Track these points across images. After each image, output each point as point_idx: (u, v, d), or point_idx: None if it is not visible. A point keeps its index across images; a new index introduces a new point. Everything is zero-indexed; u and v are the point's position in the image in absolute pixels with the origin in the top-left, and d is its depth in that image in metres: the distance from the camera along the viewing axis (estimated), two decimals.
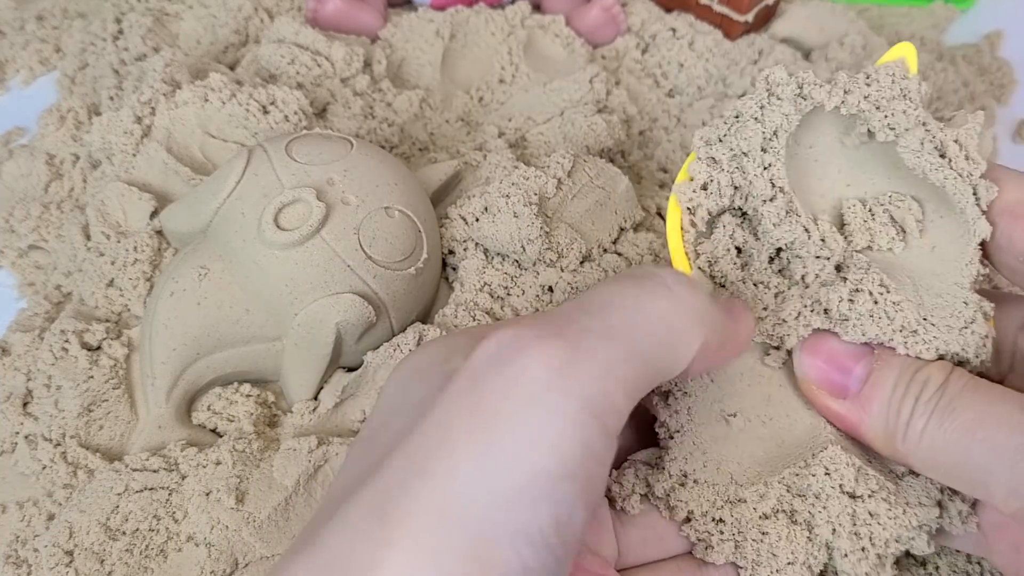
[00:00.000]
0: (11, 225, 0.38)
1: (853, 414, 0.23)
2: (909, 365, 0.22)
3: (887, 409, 0.22)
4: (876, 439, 0.23)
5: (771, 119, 0.24)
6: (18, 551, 0.28)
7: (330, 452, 0.29)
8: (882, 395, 0.22)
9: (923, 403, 0.21)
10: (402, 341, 0.31)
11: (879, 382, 0.22)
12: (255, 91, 0.37)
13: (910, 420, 0.21)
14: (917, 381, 0.22)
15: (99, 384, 0.30)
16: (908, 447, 0.22)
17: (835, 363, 0.23)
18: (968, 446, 0.20)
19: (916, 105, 0.23)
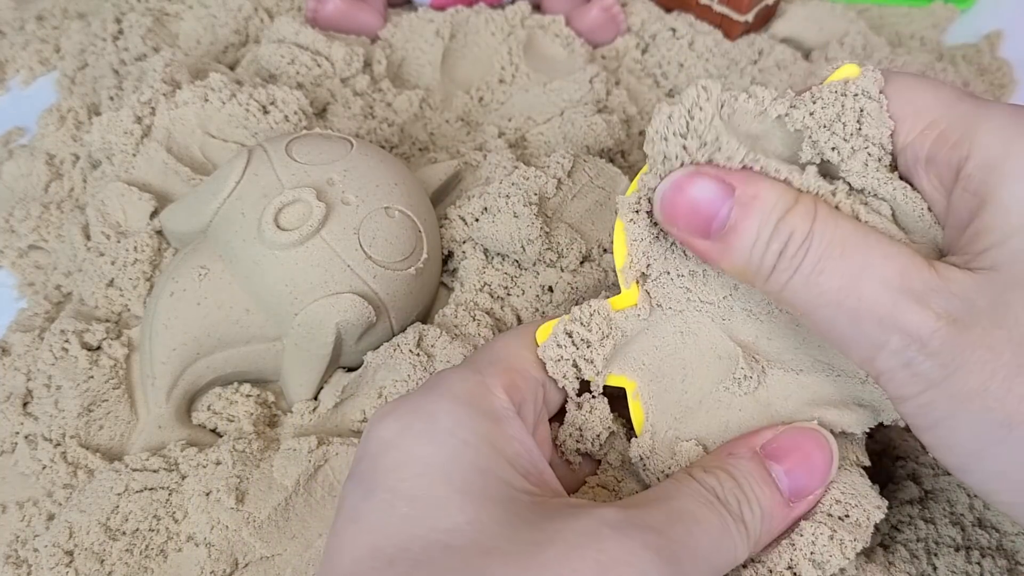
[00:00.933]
0: (11, 225, 0.38)
1: (712, 252, 0.22)
2: (771, 208, 0.21)
3: (749, 259, 0.21)
4: (738, 276, 0.22)
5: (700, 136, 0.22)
6: (18, 551, 0.28)
7: (330, 452, 0.29)
8: (744, 244, 0.21)
9: (787, 258, 0.21)
10: (402, 341, 0.31)
11: (740, 228, 0.21)
12: (255, 91, 0.37)
13: (773, 271, 0.21)
14: (780, 232, 0.21)
15: (99, 384, 0.30)
16: (770, 290, 0.22)
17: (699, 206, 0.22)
18: (832, 311, 0.20)
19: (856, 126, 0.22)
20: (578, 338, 0.24)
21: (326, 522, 0.28)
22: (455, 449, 0.21)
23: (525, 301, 0.33)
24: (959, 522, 0.29)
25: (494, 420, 0.22)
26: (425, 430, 0.21)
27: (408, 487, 0.20)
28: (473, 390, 0.23)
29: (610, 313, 0.24)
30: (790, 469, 0.23)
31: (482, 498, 0.20)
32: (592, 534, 0.19)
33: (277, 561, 0.28)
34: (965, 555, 0.28)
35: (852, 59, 0.47)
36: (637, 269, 0.24)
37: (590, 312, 0.24)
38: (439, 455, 0.21)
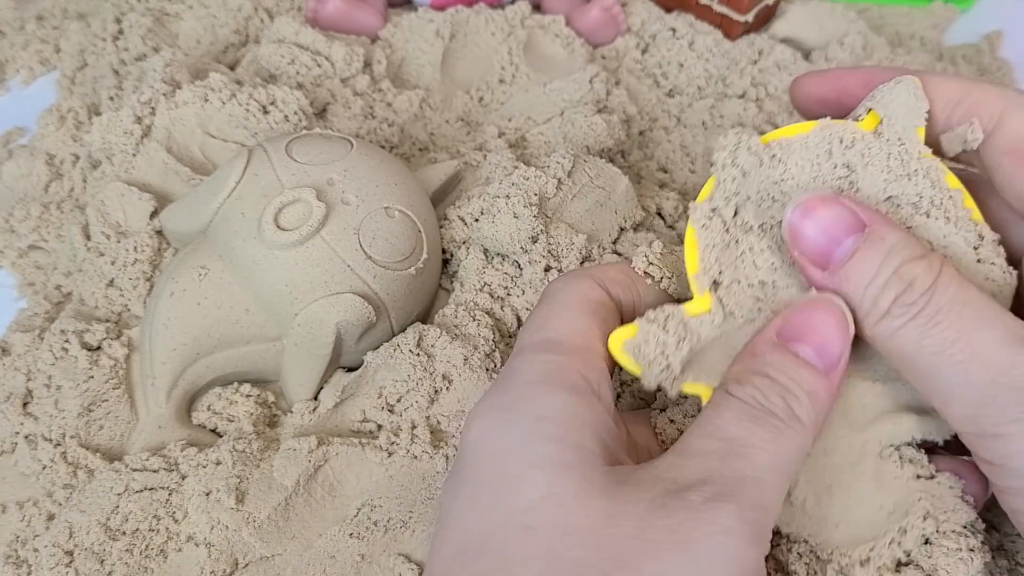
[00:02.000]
0: (11, 225, 0.38)
1: (828, 286, 0.22)
2: (896, 253, 0.21)
3: (863, 294, 0.21)
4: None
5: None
6: (18, 551, 0.28)
7: (330, 452, 0.29)
8: (861, 278, 0.22)
9: (904, 304, 0.21)
10: (402, 341, 0.31)
11: (861, 263, 0.22)
12: (255, 91, 0.37)
13: (887, 313, 0.21)
14: (901, 278, 0.21)
15: (99, 384, 0.30)
16: (876, 335, 0.22)
17: (825, 232, 0.22)
18: (940, 363, 0.20)
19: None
20: (654, 341, 0.24)
21: (326, 522, 0.28)
22: (530, 426, 0.21)
23: (525, 301, 0.33)
24: None
25: (572, 393, 0.22)
26: (502, 418, 0.21)
27: (486, 474, 0.21)
28: (546, 368, 0.22)
29: (685, 318, 0.24)
30: (814, 343, 0.23)
31: (557, 466, 0.20)
32: (659, 503, 0.19)
33: (277, 561, 0.28)
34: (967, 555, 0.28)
35: (852, 59, 0.47)
36: (710, 276, 0.24)
37: (665, 315, 0.24)
38: (515, 436, 0.21)
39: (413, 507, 0.28)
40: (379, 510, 0.28)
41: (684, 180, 0.42)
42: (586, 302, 0.24)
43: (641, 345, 0.23)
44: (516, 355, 0.24)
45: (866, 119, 0.24)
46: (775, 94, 0.46)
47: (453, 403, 0.30)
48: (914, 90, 0.24)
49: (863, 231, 0.22)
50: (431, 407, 0.30)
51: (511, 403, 0.22)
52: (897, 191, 0.24)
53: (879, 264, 0.21)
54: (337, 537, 0.28)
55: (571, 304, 0.24)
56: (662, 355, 0.23)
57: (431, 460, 0.29)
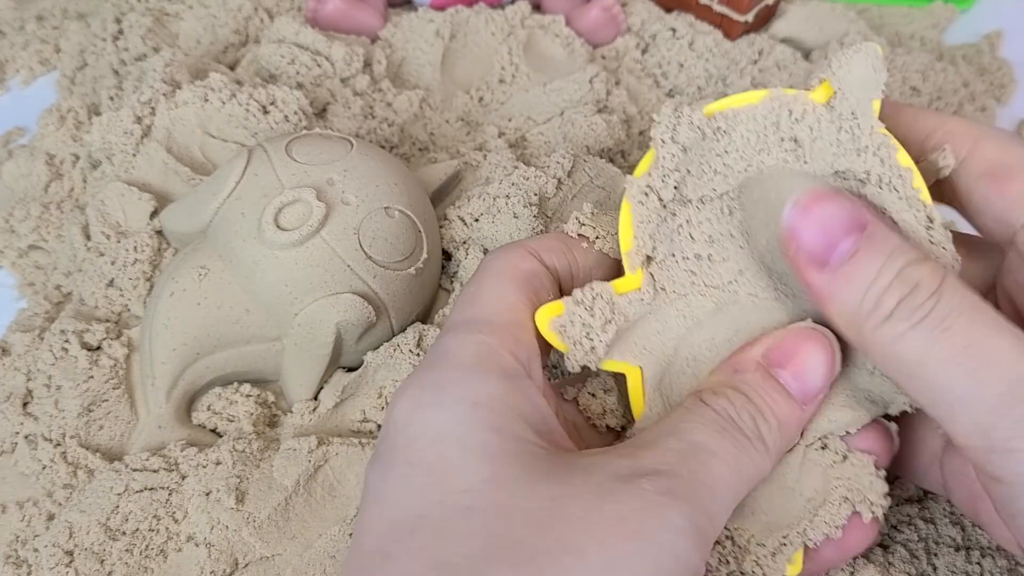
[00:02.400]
0: (11, 225, 0.38)
1: (826, 287, 0.21)
2: (899, 254, 0.20)
3: (863, 295, 0.20)
4: (841, 319, 0.21)
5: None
6: (18, 551, 0.28)
7: (330, 452, 0.29)
8: (862, 278, 0.20)
9: (910, 307, 0.20)
10: (402, 341, 0.31)
11: (862, 263, 0.21)
12: (255, 91, 0.37)
13: (890, 316, 0.20)
14: (905, 280, 0.20)
15: (99, 384, 0.30)
16: (876, 341, 0.20)
17: (824, 231, 0.21)
18: (949, 372, 0.19)
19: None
20: (579, 323, 0.23)
21: (326, 522, 0.28)
22: (466, 412, 0.20)
23: None
24: (959, 522, 0.29)
25: (504, 378, 0.21)
26: (434, 401, 0.21)
27: (422, 457, 0.20)
28: (477, 351, 0.22)
29: (613, 297, 0.24)
30: (796, 372, 0.22)
31: (499, 455, 0.20)
32: (608, 487, 0.19)
33: (277, 561, 0.28)
34: (965, 555, 0.28)
35: None
36: (642, 252, 0.24)
37: (592, 295, 0.23)
38: (450, 420, 0.20)
39: None
40: None
41: None
42: (517, 273, 0.24)
43: (567, 326, 0.23)
44: (447, 332, 0.23)
45: (819, 89, 0.23)
46: None
47: None
48: (873, 60, 0.23)
49: (863, 231, 0.21)
50: None
51: (443, 385, 0.21)
52: (845, 166, 0.23)
53: (882, 264, 0.20)
54: (337, 537, 0.28)
55: (502, 276, 0.24)
56: (587, 337, 0.23)
57: None
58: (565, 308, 0.23)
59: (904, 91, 0.45)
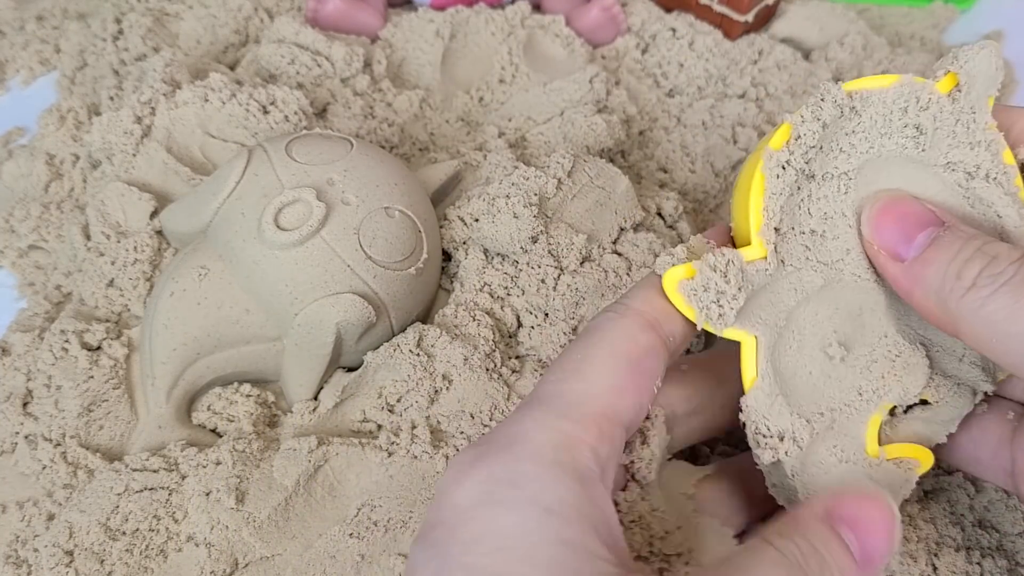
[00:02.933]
0: (11, 225, 0.38)
1: (908, 277, 0.22)
2: (977, 237, 0.22)
3: (946, 270, 0.21)
4: (927, 300, 0.22)
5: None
6: (18, 551, 0.28)
7: (330, 452, 0.29)
8: (944, 257, 0.21)
9: (991, 274, 0.20)
10: (402, 341, 0.31)
11: (943, 245, 0.22)
12: (255, 91, 0.37)
13: (973, 286, 0.21)
14: (985, 252, 0.21)
15: (99, 384, 0.30)
16: (963, 310, 0.21)
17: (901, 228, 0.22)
18: None
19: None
20: (713, 289, 0.23)
21: (326, 522, 0.28)
22: (538, 520, 0.19)
23: (525, 301, 0.33)
24: (959, 522, 0.29)
25: (581, 483, 0.20)
26: (507, 498, 0.20)
27: (487, 564, 0.19)
28: (560, 444, 0.20)
29: (743, 264, 0.23)
30: (860, 535, 0.22)
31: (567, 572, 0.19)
32: None
33: (277, 561, 0.28)
34: (965, 555, 0.28)
35: (852, 59, 0.47)
36: (772, 224, 0.24)
37: (726, 261, 0.23)
38: (520, 527, 0.19)
39: (413, 507, 0.28)
40: (379, 510, 0.28)
41: (684, 180, 0.42)
42: (634, 351, 0.23)
43: (699, 290, 0.23)
44: (531, 406, 0.22)
45: (943, 80, 0.24)
46: (775, 94, 0.46)
47: (453, 403, 0.30)
48: (995, 58, 0.24)
49: (942, 225, 0.22)
50: (431, 407, 0.30)
51: (516, 482, 0.20)
52: (958, 158, 0.24)
53: (960, 244, 0.21)
54: (337, 537, 0.28)
55: (615, 352, 0.22)
56: (717, 304, 0.23)
57: (431, 460, 0.29)
58: (698, 272, 0.23)
59: None
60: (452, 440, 0.29)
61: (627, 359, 0.22)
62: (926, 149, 0.24)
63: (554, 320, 0.33)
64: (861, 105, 0.24)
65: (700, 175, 0.42)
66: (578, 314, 0.33)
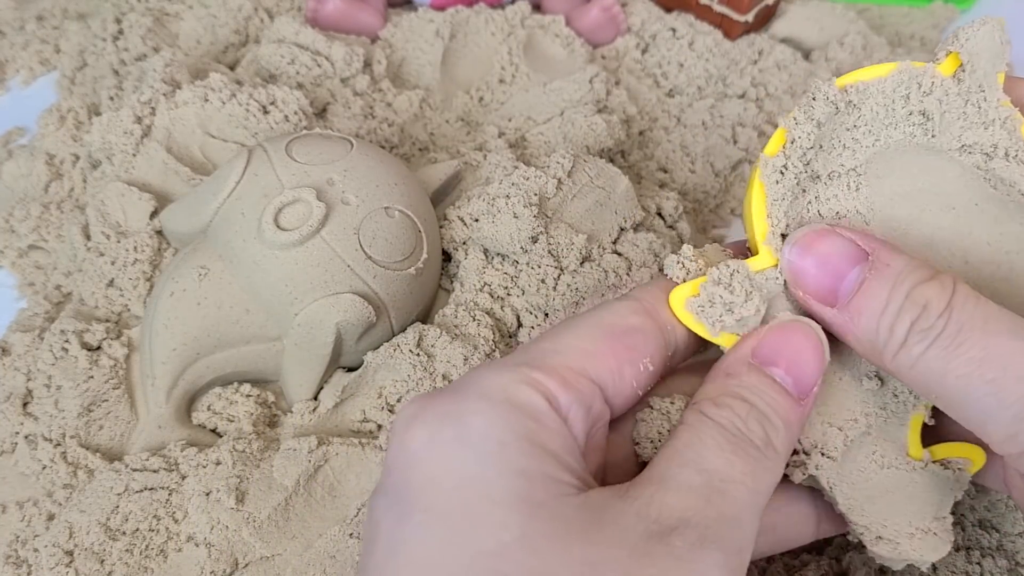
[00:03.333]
0: (11, 225, 0.38)
1: (840, 322, 0.21)
2: (904, 278, 0.20)
3: (877, 325, 0.20)
4: (863, 351, 0.21)
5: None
6: (18, 551, 0.28)
7: (330, 452, 0.29)
8: (872, 309, 0.21)
9: (921, 329, 0.20)
10: (402, 341, 0.31)
11: (870, 293, 0.21)
12: (255, 91, 0.37)
13: (904, 342, 0.20)
14: (914, 302, 0.20)
15: (99, 384, 0.30)
16: (898, 366, 0.21)
17: (827, 267, 0.21)
18: (970, 385, 0.19)
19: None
20: (719, 302, 0.23)
21: (326, 522, 0.28)
22: (490, 453, 0.19)
23: (525, 301, 0.33)
24: (959, 522, 0.29)
25: (531, 416, 0.20)
26: (456, 437, 0.19)
27: (443, 504, 0.19)
28: (507, 385, 0.20)
29: (750, 273, 0.23)
30: (789, 368, 0.22)
31: (528, 505, 0.18)
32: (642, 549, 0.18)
33: (277, 561, 0.28)
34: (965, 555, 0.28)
35: (852, 59, 0.47)
36: (778, 231, 0.24)
37: (729, 272, 0.23)
38: (474, 463, 0.19)
39: None
40: None
41: (684, 180, 0.42)
42: (619, 324, 0.23)
43: (704, 306, 0.23)
44: (494, 362, 0.22)
45: (945, 62, 0.23)
46: (775, 94, 0.46)
47: None
48: (999, 32, 0.23)
49: (867, 260, 0.21)
50: None
51: (465, 418, 0.20)
52: (972, 140, 0.23)
53: (888, 291, 0.20)
54: (337, 537, 0.28)
55: (598, 325, 0.23)
56: (729, 312, 0.23)
57: None
58: (702, 289, 0.23)
59: None
60: None
61: (608, 329, 0.22)
62: (936, 134, 0.23)
63: (554, 320, 0.33)
64: (859, 98, 0.23)
65: (700, 175, 0.42)
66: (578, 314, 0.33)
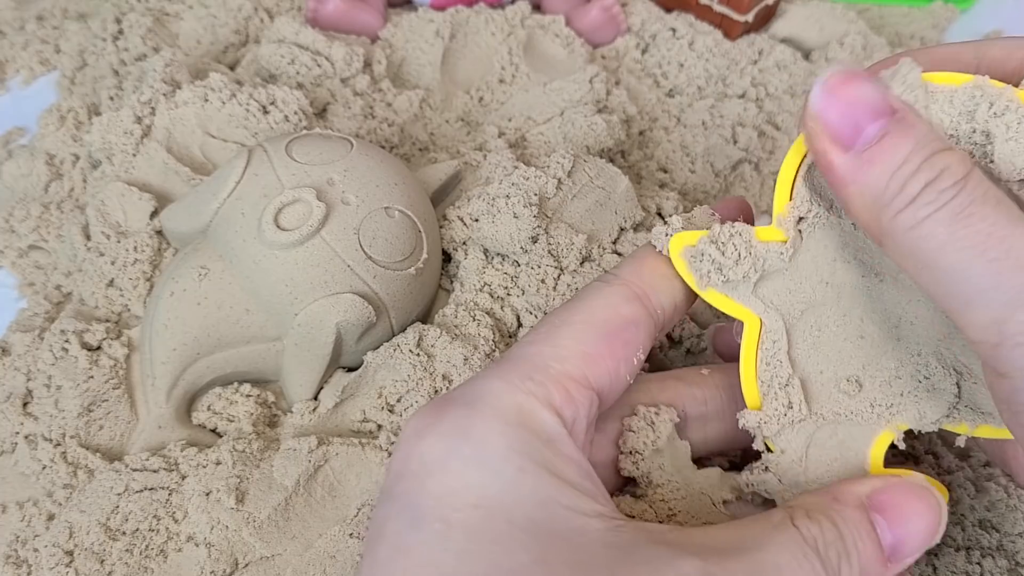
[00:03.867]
0: (11, 225, 0.38)
1: (849, 168, 0.20)
2: (927, 142, 0.19)
3: (888, 179, 0.19)
4: (860, 204, 0.20)
5: None
6: (18, 551, 0.28)
7: (330, 452, 0.29)
8: (888, 161, 0.19)
9: (934, 191, 0.19)
10: (402, 341, 0.31)
11: (890, 146, 0.20)
12: (255, 91, 0.37)
13: (913, 201, 0.19)
14: (933, 164, 0.19)
15: (99, 384, 0.30)
16: (896, 226, 0.20)
17: (852, 113, 0.20)
18: (969, 259, 0.18)
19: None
20: (708, 259, 0.23)
21: (326, 522, 0.28)
22: (512, 479, 0.19)
23: (525, 301, 0.33)
24: (959, 522, 0.29)
25: (547, 441, 0.20)
26: (475, 456, 0.19)
27: (463, 518, 0.19)
28: (522, 406, 0.20)
29: (752, 240, 0.23)
30: (894, 524, 0.21)
31: (548, 534, 0.18)
32: None
33: (277, 561, 0.28)
34: (965, 555, 0.28)
35: (852, 59, 0.47)
36: (797, 212, 0.23)
37: (729, 234, 0.23)
38: (494, 485, 0.19)
39: None
40: None
41: (684, 180, 0.42)
42: (613, 319, 0.22)
43: (696, 258, 0.23)
44: (501, 364, 0.22)
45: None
46: (775, 94, 0.46)
47: None
48: None
49: (893, 115, 0.20)
50: None
51: (481, 438, 0.19)
52: None
53: (910, 148, 0.19)
54: (337, 537, 0.28)
55: (592, 318, 0.22)
56: (717, 270, 0.23)
57: None
58: (698, 242, 0.23)
59: None
60: None
61: (604, 327, 0.22)
62: (995, 160, 0.22)
63: None
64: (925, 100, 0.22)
65: (700, 175, 0.42)
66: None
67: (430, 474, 0.19)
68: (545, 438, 0.20)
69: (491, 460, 0.19)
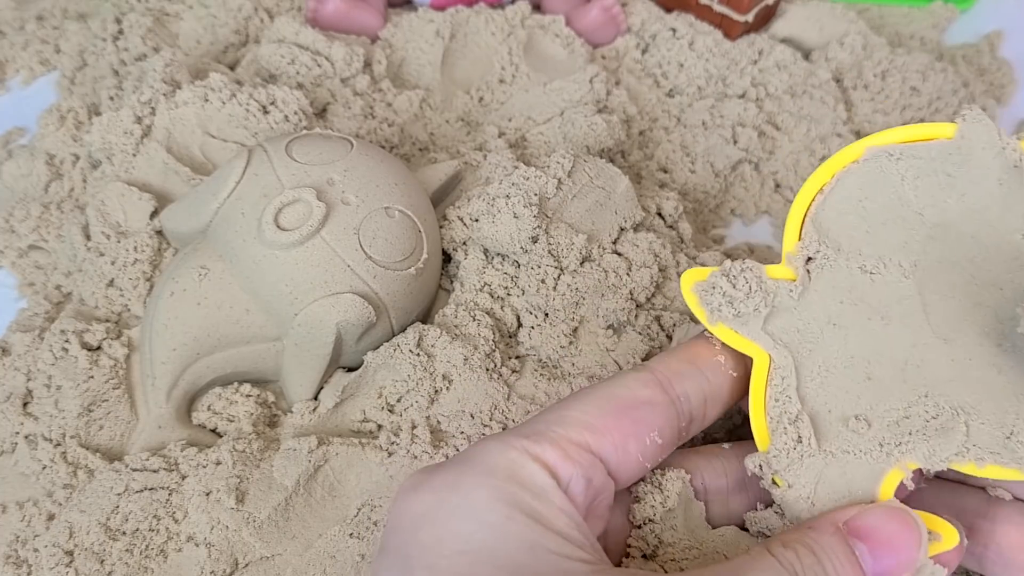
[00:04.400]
0: (11, 225, 0.38)
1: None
2: None
3: None
4: None
5: None
6: (18, 551, 0.28)
7: (330, 452, 0.29)
8: None
9: None
10: (402, 341, 0.31)
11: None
12: (255, 91, 0.37)
13: None
14: None
15: (99, 384, 0.30)
16: None
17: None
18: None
19: None
20: (719, 292, 0.23)
21: (326, 522, 0.28)
22: (498, 525, 0.19)
23: (525, 301, 0.33)
24: None
25: (536, 494, 0.20)
26: (461, 505, 0.20)
27: (449, 564, 0.19)
28: (512, 462, 0.21)
29: (763, 276, 0.23)
30: (875, 550, 0.21)
31: (532, 574, 0.19)
32: None
33: (277, 561, 0.28)
34: None
35: (852, 59, 0.47)
36: (806, 252, 0.24)
37: (740, 269, 0.23)
38: (480, 532, 0.19)
39: None
40: (379, 510, 0.28)
41: (684, 180, 0.42)
42: (624, 397, 0.23)
43: (707, 291, 0.23)
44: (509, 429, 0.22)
45: None
46: (775, 94, 0.46)
47: (453, 403, 0.30)
48: None
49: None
50: (431, 407, 0.30)
51: (467, 490, 0.20)
52: None
53: None
54: (337, 537, 0.28)
55: (604, 395, 0.23)
56: (728, 304, 0.23)
57: (431, 460, 0.29)
58: (709, 276, 0.23)
59: (904, 91, 0.45)
60: (452, 440, 0.29)
61: (614, 403, 0.22)
62: (1010, 208, 0.22)
63: (554, 320, 0.33)
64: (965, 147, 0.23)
65: (700, 175, 0.42)
66: (578, 314, 0.33)
67: (419, 527, 0.20)
68: (535, 490, 0.20)
69: (478, 509, 0.20)
